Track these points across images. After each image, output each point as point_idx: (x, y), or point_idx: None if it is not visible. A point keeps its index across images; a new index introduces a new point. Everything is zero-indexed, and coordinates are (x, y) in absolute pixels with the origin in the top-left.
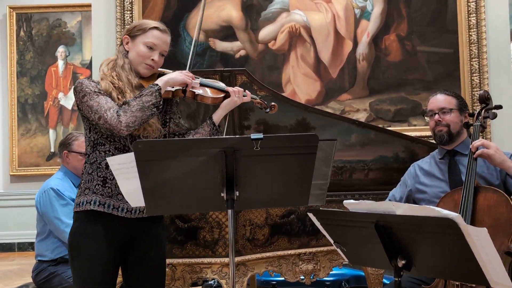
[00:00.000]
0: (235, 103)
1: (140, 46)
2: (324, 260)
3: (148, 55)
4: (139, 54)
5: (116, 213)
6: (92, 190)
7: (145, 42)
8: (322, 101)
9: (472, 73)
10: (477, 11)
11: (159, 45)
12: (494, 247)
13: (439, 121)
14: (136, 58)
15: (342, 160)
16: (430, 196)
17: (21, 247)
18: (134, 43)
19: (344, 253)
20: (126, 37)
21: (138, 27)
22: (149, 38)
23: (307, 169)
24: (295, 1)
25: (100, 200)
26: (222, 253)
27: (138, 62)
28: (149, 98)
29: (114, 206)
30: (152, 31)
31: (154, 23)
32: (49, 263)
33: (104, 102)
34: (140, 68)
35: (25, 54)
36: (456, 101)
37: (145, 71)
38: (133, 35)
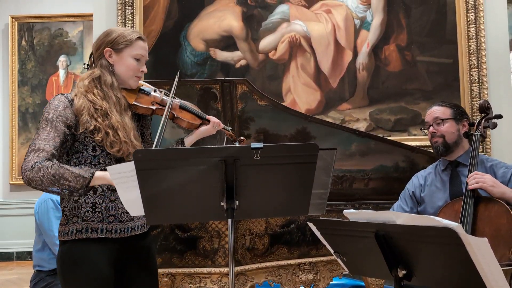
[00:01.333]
0: (209, 132)
1: (129, 59)
2: (324, 270)
3: (138, 67)
4: (130, 68)
5: (110, 236)
6: (81, 218)
7: (134, 54)
8: (322, 111)
9: (472, 83)
10: (476, 22)
11: (145, 56)
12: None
13: (433, 132)
14: (126, 71)
15: (342, 169)
16: (431, 207)
17: (20, 257)
18: (120, 56)
19: (344, 263)
20: (109, 49)
21: (121, 38)
22: (137, 50)
23: (307, 178)
24: (296, 12)
25: (92, 227)
26: (221, 263)
27: (128, 76)
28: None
29: (107, 229)
30: (138, 42)
31: (136, 33)
32: (48, 273)
33: (43, 139)
34: (131, 82)
35: (26, 63)
36: (451, 111)
37: (134, 83)
38: (117, 48)
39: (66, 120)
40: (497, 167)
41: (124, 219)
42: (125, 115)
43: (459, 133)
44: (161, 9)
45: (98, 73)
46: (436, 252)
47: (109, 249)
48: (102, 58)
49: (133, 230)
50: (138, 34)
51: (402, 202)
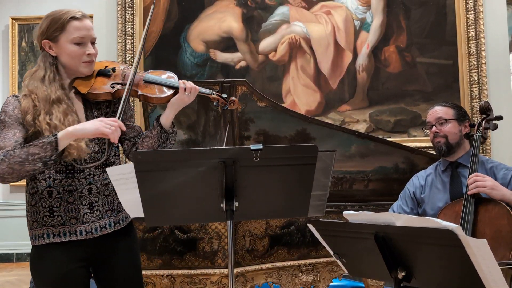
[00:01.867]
0: (183, 101)
1: (68, 47)
2: (324, 271)
3: (81, 52)
4: (73, 55)
5: (76, 238)
6: (40, 223)
7: (71, 39)
8: (322, 112)
9: (472, 84)
10: (476, 23)
11: (87, 35)
12: (495, 259)
13: (436, 132)
14: (71, 60)
15: (342, 170)
16: (431, 208)
17: (20, 258)
18: (58, 45)
19: (344, 265)
20: (46, 41)
21: (52, 26)
22: (72, 33)
23: (307, 180)
24: (295, 13)
25: (53, 231)
26: (221, 264)
27: (75, 64)
28: (37, 151)
29: (71, 232)
30: (71, 23)
31: (69, 13)
32: None
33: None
34: (82, 69)
35: (26, 64)
36: (454, 111)
37: (87, 70)
38: (52, 37)
39: (17, 119)
40: (497, 168)
41: (89, 220)
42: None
43: (461, 134)
44: (161, 11)
45: (36, 69)
46: (435, 254)
47: (78, 251)
48: (44, 51)
49: (104, 229)
50: (71, 14)
51: (402, 203)
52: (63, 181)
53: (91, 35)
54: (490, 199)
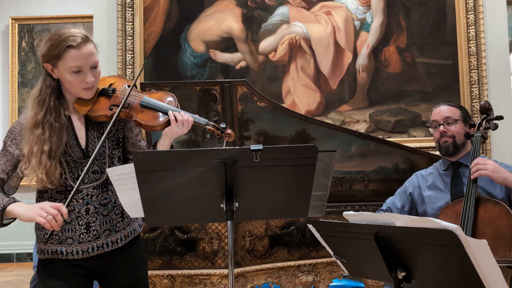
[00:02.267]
0: (177, 133)
1: (66, 75)
2: (324, 271)
3: (79, 80)
4: (72, 83)
5: (72, 257)
6: (42, 240)
7: (68, 68)
8: (322, 112)
9: (472, 84)
10: (476, 23)
11: (85, 63)
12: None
13: (444, 132)
14: (70, 87)
15: (342, 171)
16: (432, 208)
17: (20, 258)
18: (58, 70)
19: (344, 265)
20: (47, 65)
21: (51, 52)
22: (68, 63)
23: (307, 180)
24: (295, 13)
25: (52, 249)
26: (221, 265)
27: (75, 90)
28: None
29: (67, 251)
30: (68, 52)
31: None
32: None
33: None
34: (82, 95)
35: (26, 64)
36: (461, 112)
37: (87, 94)
38: (52, 63)
39: (19, 143)
40: None
41: (85, 240)
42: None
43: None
44: (161, 11)
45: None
46: (435, 254)
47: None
48: (46, 72)
49: (101, 248)
50: (68, 42)
51: (396, 198)
52: (62, 201)
53: (89, 63)
54: (490, 199)
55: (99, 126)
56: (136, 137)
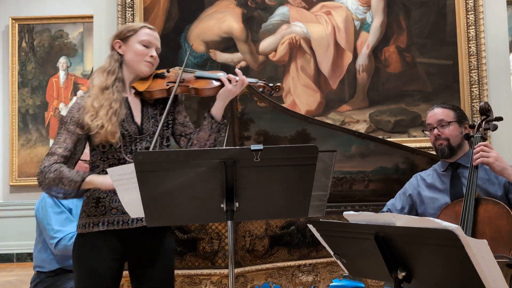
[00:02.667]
0: (231, 92)
1: (136, 45)
2: (324, 271)
3: (146, 52)
4: (137, 53)
5: (113, 228)
6: (86, 213)
7: (140, 40)
8: (322, 112)
9: (472, 84)
10: (476, 23)
11: (153, 42)
12: (495, 259)
13: (438, 135)
14: (134, 57)
15: (342, 171)
16: (431, 208)
17: (20, 258)
18: (127, 44)
19: (344, 265)
20: (118, 41)
21: (127, 28)
22: (142, 36)
23: (307, 180)
24: (295, 13)
25: (94, 221)
26: (221, 265)
27: (137, 61)
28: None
29: (109, 222)
30: (143, 29)
31: (142, 23)
32: (48, 274)
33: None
34: (142, 67)
35: (26, 64)
36: (454, 113)
37: (146, 69)
38: (124, 37)
39: (78, 120)
40: None
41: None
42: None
43: (461, 135)
44: (161, 11)
45: (103, 64)
46: (436, 254)
47: (113, 243)
48: (112, 50)
49: (139, 222)
50: (144, 23)
51: (396, 200)
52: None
53: (157, 44)
54: (490, 199)
55: (153, 106)
56: (185, 118)
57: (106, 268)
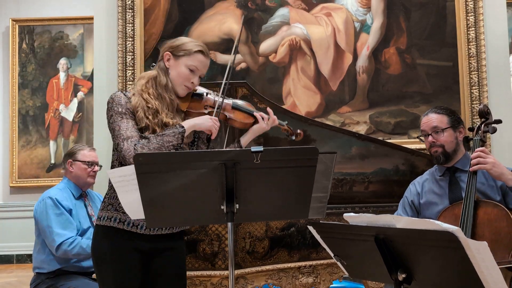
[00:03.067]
0: (263, 129)
1: (182, 68)
2: (324, 273)
3: (189, 77)
4: (181, 76)
5: (135, 230)
6: (114, 207)
7: (189, 65)
8: (322, 114)
9: (472, 86)
10: (476, 25)
11: (201, 69)
12: (495, 261)
13: (433, 142)
14: (177, 78)
15: (342, 172)
16: (431, 214)
17: (20, 259)
18: (176, 62)
19: (344, 267)
20: (168, 53)
21: (182, 46)
22: (193, 61)
23: (307, 182)
24: (296, 15)
25: (121, 218)
26: (221, 266)
27: (178, 83)
28: (171, 139)
29: (134, 224)
30: (197, 55)
31: (199, 46)
32: (47, 276)
33: (125, 128)
34: (179, 89)
35: (27, 66)
36: (448, 119)
37: (183, 92)
38: (176, 54)
39: (131, 113)
40: None
41: None
42: (177, 116)
43: (456, 140)
44: (161, 12)
45: (155, 73)
46: (436, 256)
47: (135, 243)
48: (162, 60)
49: (160, 230)
50: (201, 48)
51: (402, 211)
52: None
53: (203, 71)
54: (489, 202)
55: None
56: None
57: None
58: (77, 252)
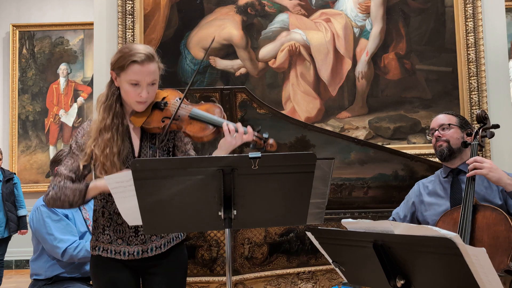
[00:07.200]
0: (231, 144)
1: (125, 85)
2: (323, 279)
3: (135, 93)
4: (127, 94)
5: (119, 257)
6: (96, 237)
7: (128, 80)
8: (321, 119)
9: (471, 91)
10: (475, 30)
11: (143, 79)
12: (493, 267)
13: (438, 136)
14: (125, 96)
15: (341, 178)
16: (433, 214)
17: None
18: (119, 80)
19: (342, 273)
20: (112, 72)
21: (117, 63)
22: (130, 76)
23: (305, 188)
24: (295, 20)
25: (104, 247)
26: (220, 272)
27: (129, 101)
28: (68, 193)
29: (116, 251)
30: (131, 67)
31: (133, 55)
32: (45, 282)
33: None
34: (134, 107)
35: (27, 71)
36: (457, 119)
37: (139, 107)
38: (116, 72)
39: (81, 145)
40: None
41: (133, 243)
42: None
43: (463, 140)
44: (161, 18)
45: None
46: (434, 262)
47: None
48: (111, 79)
49: (145, 253)
50: (133, 57)
51: (400, 208)
52: (114, 204)
53: (147, 80)
54: (487, 206)
55: (152, 136)
56: (185, 146)
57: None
58: (83, 256)
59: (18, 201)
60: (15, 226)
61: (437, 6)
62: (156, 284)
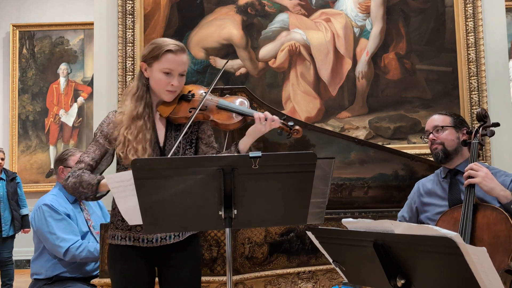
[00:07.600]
0: (260, 131)
1: (157, 74)
2: (324, 279)
3: (166, 81)
4: (158, 82)
5: (138, 244)
6: (115, 225)
7: (161, 68)
8: (321, 119)
9: (471, 91)
10: (475, 30)
11: (176, 69)
12: (494, 267)
13: (433, 139)
14: (156, 86)
15: (341, 177)
16: (432, 214)
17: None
18: (151, 70)
19: (343, 272)
20: (143, 64)
21: (151, 53)
22: (163, 64)
23: (306, 187)
24: (295, 20)
25: (121, 235)
26: (220, 272)
27: (159, 90)
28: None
29: (135, 238)
30: (166, 55)
31: (167, 45)
32: (45, 281)
33: (85, 152)
34: (163, 96)
35: (27, 71)
36: (451, 119)
37: (168, 97)
38: (148, 62)
39: (107, 135)
40: (496, 175)
41: None
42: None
43: (458, 140)
44: (161, 18)
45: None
46: (434, 262)
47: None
48: (140, 71)
49: (163, 240)
50: (167, 47)
51: (404, 209)
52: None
53: (180, 69)
54: (488, 205)
55: (177, 127)
56: (209, 138)
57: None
58: (85, 256)
59: (20, 200)
60: (20, 225)
61: (437, 6)
62: (172, 277)
